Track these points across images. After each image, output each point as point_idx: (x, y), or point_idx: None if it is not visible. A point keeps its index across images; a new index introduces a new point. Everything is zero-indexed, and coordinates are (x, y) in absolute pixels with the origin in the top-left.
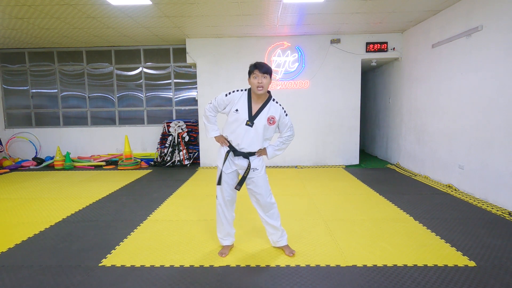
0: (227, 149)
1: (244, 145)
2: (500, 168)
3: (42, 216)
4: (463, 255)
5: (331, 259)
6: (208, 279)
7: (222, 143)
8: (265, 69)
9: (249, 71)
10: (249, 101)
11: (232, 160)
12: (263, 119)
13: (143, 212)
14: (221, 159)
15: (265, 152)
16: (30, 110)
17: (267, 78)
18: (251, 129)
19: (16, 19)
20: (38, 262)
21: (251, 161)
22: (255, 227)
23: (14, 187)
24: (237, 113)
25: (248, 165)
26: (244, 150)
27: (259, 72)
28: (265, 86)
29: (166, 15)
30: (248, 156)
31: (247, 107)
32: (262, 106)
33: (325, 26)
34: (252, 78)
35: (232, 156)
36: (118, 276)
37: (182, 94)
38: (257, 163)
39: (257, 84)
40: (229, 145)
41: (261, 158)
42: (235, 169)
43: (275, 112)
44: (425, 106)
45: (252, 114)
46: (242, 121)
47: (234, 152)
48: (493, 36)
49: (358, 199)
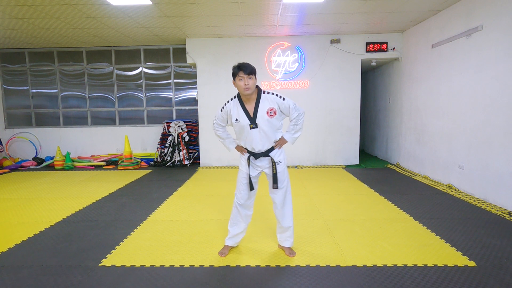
0: (248, 155)
1: (258, 146)
2: (500, 168)
3: (42, 216)
4: (463, 255)
5: (331, 259)
6: (208, 279)
7: (241, 152)
8: (249, 69)
9: (233, 73)
10: (242, 105)
11: (254, 163)
12: (263, 115)
13: (143, 212)
14: (245, 166)
15: (284, 141)
16: (30, 110)
17: (252, 78)
18: (257, 130)
19: (16, 19)
20: (38, 262)
21: (273, 157)
22: (256, 227)
23: (14, 187)
24: (238, 122)
25: (271, 161)
26: (261, 151)
27: (244, 73)
28: (251, 87)
29: (166, 15)
30: (268, 154)
31: (244, 113)
32: (256, 104)
33: (325, 26)
34: (238, 80)
35: (253, 160)
36: (118, 276)
37: (182, 94)
38: (279, 156)
39: (244, 86)
40: (247, 151)
41: (282, 151)
42: (260, 170)
43: (271, 103)
44: (425, 106)
45: (251, 116)
46: (246, 127)
47: (254, 156)
48: (493, 36)
49: (358, 199)
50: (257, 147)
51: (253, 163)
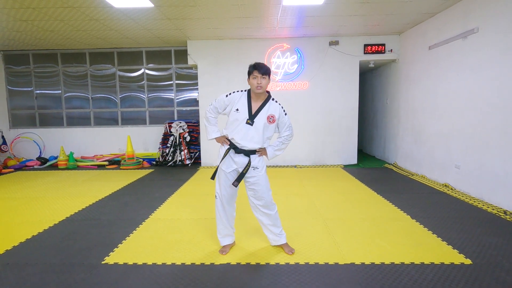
0: (228, 147)
1: (245, 143)
2: (496, 168)
3: (46, 215)
4: (459, 253)
5: (329, 257)
6: (209, 276)
7: (222, 142)
8: (264, 70)
9: (248, 71)
10: (249, 100)
11: (232, 157)
12: (263, 117)
13: (145, 211)
14: (220, 157)
15: (265, 152)
16: (34, 111)
17: (266, 78)
18: (252, 127)
19: (20, 22)
20: (42, 260)
21: (252, 160)
22: (255, 226)
23: (18, 187)
24: (238, 112)
25: (248, 162)
26: (245, 148)
27: (258, 73)
28: (264, 86)
29: (168, 18)
30: (249, 154)
31: (247, 107)
32: (262, 105)
33: (324, 28)
34: (252, 79)
35: (232, 153)
36: (121, 273)
37: (184, 95)
38: (257, 162)
39: (256, 84)
40: (230, 144)
41: (262, 158)
42: (235, 167)
43: (274, 110)
44: (422, 107)
45: (252, 113)
46: (242, 120)
47: (235, 150)
48: (489, 37)
49: (356, 198)
50: (243, 142)
51: (231, 157)
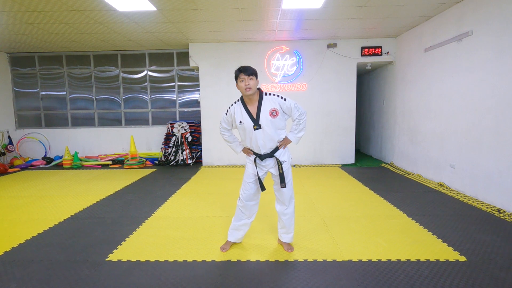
0: (254, 157)
1: (263, 147)
2: (490, 167)
3: (51, 213)
4: (454, 250)
5: (328, 254)
6: (210, 273)
7: (247, 154)
8: (250, 71)
9: (235, 76)
10: (245, 108)
11: (260, 164)
12: (266, 116)
13: (148, 209)
14: (252, 167)
15: (288, 141)
16: (40, 112)
17: (253, 79)
18: (261, 131)
19: (26, 25)
20: (47, 257)
21: (278, 157)
22: (256, 224)
23: (24, 185)
24: (242, 124)
25: (277, 161)
26: (266, 152)
27: (245, 75)
28: (253, 87)
29: (170, 21)
30: (273, 155)
31: (247, 114)
32: (259, 106)
33: (322, 31)
34: (239, 82)
35: (259, 161)
36: (124, 270)
37: (185, 96)
38: (283, 156)
39: (245, 86)
40: (253, 153)
41: (286, 150)
42: (266, 170)
43: (272, 104)
44: (418, 107)
45: (254, 117)
46: (250, 129)
47: (260, 157)
48: (482, 40)
49: (353, 197)
50: (262, 148)
51: (259, 164)
